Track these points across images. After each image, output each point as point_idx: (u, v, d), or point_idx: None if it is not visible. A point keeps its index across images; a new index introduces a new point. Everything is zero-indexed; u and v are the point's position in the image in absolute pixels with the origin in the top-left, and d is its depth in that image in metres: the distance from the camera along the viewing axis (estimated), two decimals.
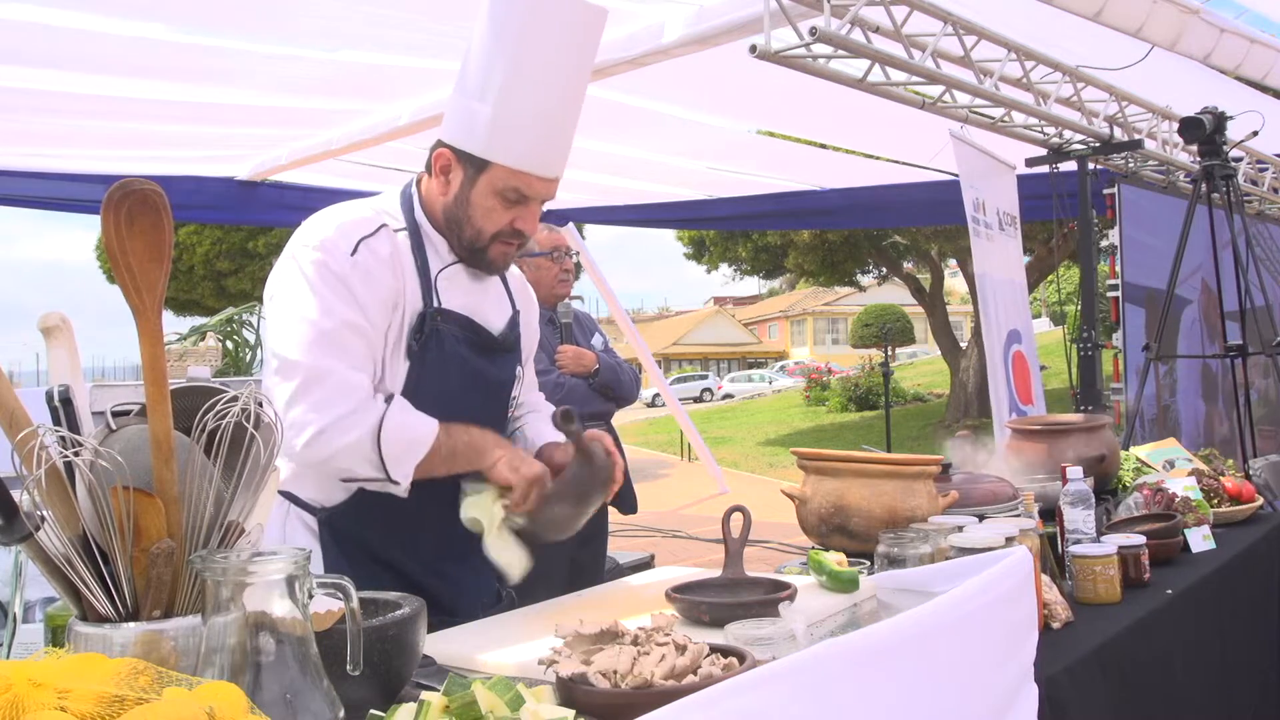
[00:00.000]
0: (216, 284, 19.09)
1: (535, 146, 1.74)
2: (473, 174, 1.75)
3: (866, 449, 2.35)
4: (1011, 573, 1.39)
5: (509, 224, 1.79)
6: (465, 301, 1.84)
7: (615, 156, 5.70)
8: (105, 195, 1.13)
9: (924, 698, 1.14)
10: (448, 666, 1.43)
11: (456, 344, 1.81)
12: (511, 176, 1.74)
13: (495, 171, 1.74)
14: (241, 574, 1.04)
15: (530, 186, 1.76)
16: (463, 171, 1.76)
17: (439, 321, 1.79)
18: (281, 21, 3.76)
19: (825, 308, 51.77)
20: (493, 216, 1.77)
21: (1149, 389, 4.76)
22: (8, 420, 1.13)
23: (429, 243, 1.83)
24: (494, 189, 1.75)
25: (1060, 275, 14.71)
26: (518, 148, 1.73)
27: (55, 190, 5.12)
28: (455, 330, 1.81)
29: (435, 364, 1.79)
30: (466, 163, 1.75)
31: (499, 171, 1.74)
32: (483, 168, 1.74)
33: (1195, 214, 4.20)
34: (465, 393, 1.83)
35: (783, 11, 3.04)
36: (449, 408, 1.76)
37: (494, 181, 1.75)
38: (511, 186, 1.75)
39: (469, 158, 1.75)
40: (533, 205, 1.79)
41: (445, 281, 1.82)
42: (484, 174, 1.75)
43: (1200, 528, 2.52)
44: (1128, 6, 3.33)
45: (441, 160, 1.78)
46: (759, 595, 1.57)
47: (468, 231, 1.79)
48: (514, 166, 1.73)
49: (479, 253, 1.81)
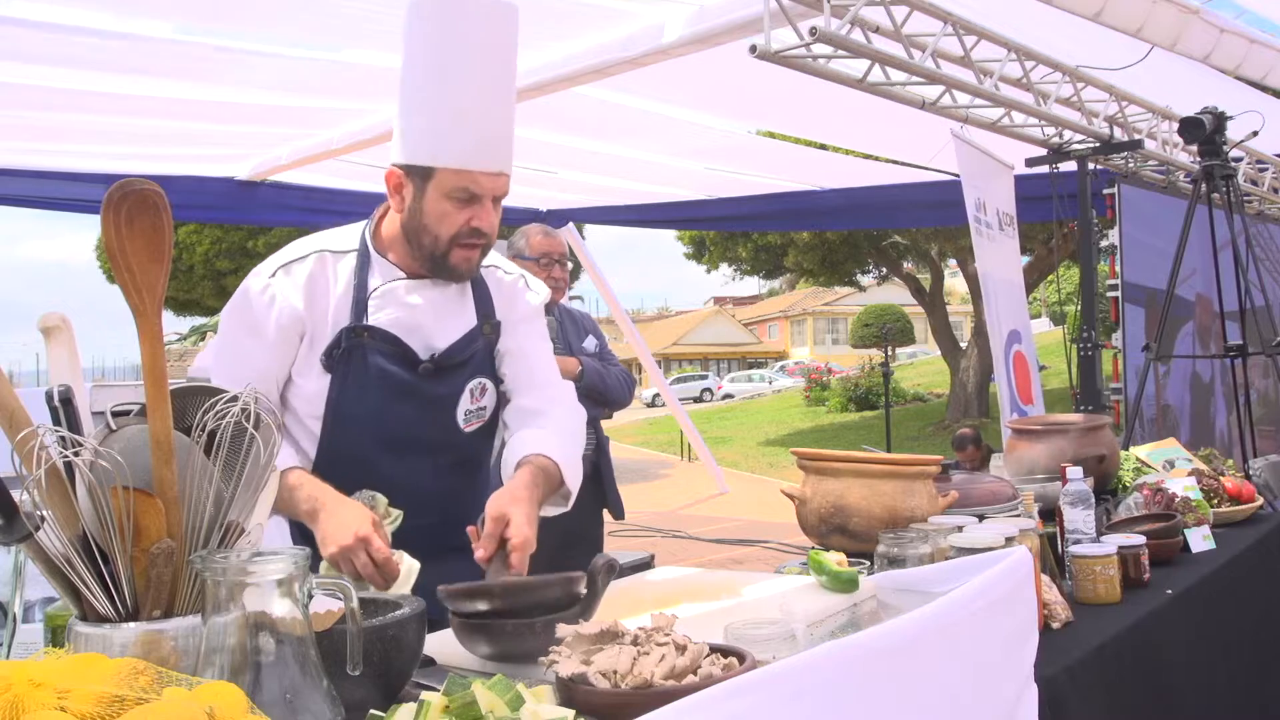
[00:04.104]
0: (216, 284, 19.06)
1: (473, 143, 1.80)
2: (420, 184, 1.82)
3: (866, 449, 2.35)
4: (1011, 573, 1.39)
5: (465, 224, 1.83)
6: (401, 319, 1.88)
7: (615, 157, 5.70)
8: (105, 195, 1.13)
9: (924, 698, 1.14)
10: (448, 666, 1.43)
11: (380, 359, 1.86)
12: (456, 177, 1.79)
13: (441, 176, 1.80)
14: (241, 574, 1.04)
15: (477, 183, 1.80)
16: (412, 185, 1.83)
17: (364, 338, 1.85)
18: (282, 21, 3.76)
19: (825, 308, 51.77)
20: (447, 220, 1.82)
21: (1149, 389, 4.76)
22: (8, 420, 1.13)
23: (374, 264, 1.90)
24: (443, 192, 1.80)
25: (1060, 275, 14.72)
26: (456, 147, 1.79)
27: (55, 190, 5.12)
28: (380, 346, 1.86)
29: (355, 379, 1.85)
30: (415, 175, 1.82)
31: (444, 175, 1.79)
32: (428, 175, 1.80)
33: (1195, 214, 4.20)
34: (393, 409, 1.87)
35: (783, 11, 3.04)
36: (376, 422, 1.86)
37: (441, 185, 1.80)
38: (459, 187, 1.80)
39: (416, 169, 1.82)
40: (486, 203, 1.83)
41: (378, 300, 1.88)
42: (430, 181, 1.81)
43: (1200, 528, 2.52)
44: (1128, 6, 3.33)
45: (393, 180, 1.85)
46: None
47: (426, 240, 1.84)
48: (456, 166, 1.79)
49: (441, 259, 1.86)
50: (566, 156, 5.60)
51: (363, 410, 1.86)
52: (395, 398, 1.87)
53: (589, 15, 3.64)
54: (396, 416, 1.88)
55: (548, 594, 1.45)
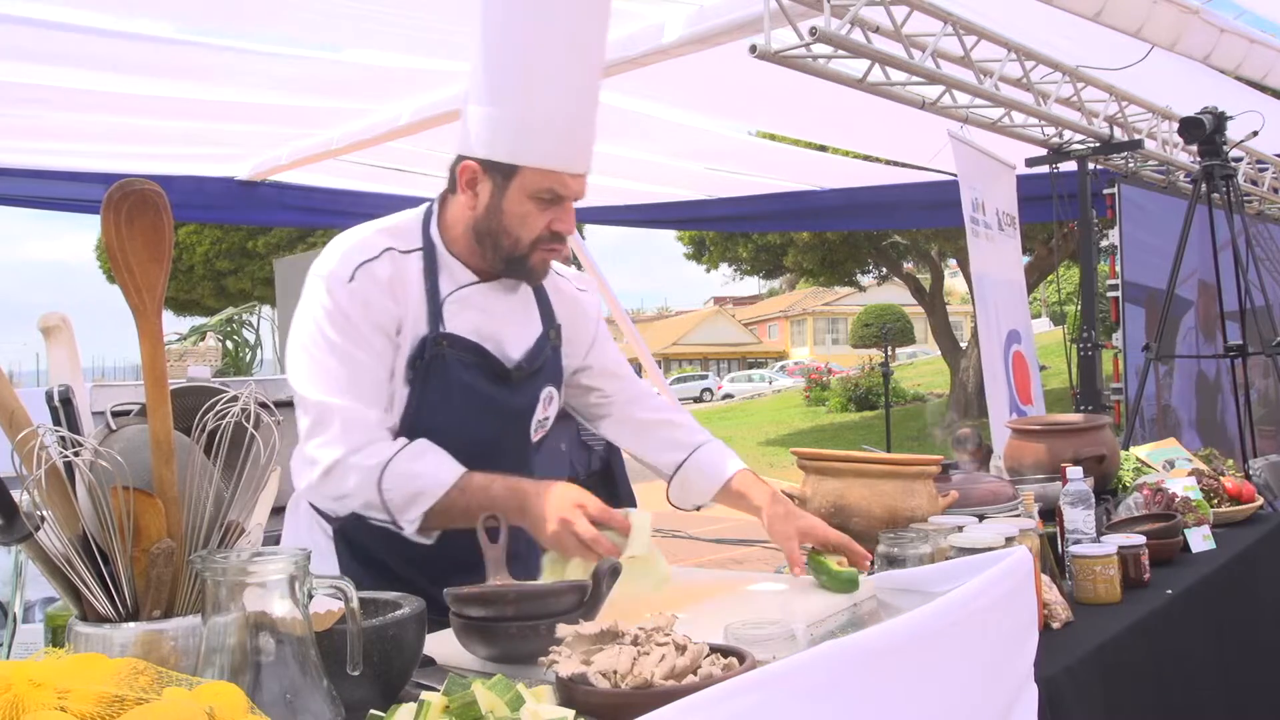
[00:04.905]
0: (216, 284, 19.08)
1: (562, 143, 1.69)
2: (502, 182, 1.70)
3: (866, 449, 2.35)
4: (1011, 573, 1.39)
5: (546, 227, 1.73)
6: (479, 326, 1.78)
7: (615, 157, 5.70)
8: (105, 195, 1.13)
9: (924, 698, 1.14)
10: (448, 666, 1.43)
11: (462, 370, 1.75)
12: (543, 178, 1.69)
13: (526, 175, 1.68)
14: (241, 574, 1.04)
15: (563, 185, 1.71)
16: (491, 181, 1.70)
17: (443, 347, 1.73)
18: (282, 21, 3.76)
19: (825, 308, 51.78)
20: (529, 222, 1.71)
21: (1149, 389, 4.76)
22: (8, 420, 1.13)
23: (442, 265, 1.77)
24: (527, 193, 1.69)
25: (1060, 275, 14.71)
26: (545, 147, 1.68)
27: (55, 190, 5.12)
28: (462, 356, 1.75)
29: (437, 391, 1.73)
30: (494, 172, 1.70)
31: (529, 174, 1.68)
32: (511, 174, 1.69)
33: (1195, 214, 4.20)
34: (474, 421, 1.77)
35: (783, 11, 3.04)
36: (456, 437, 1.71)
37: (525, 186, 1.69)
38: (545, 188, 1.69)
39: (496, 166, 1.69)
40: (567, 205, 1.74)
41: (455, 305, 1.76)
42: (514, 180, 1.69)
43: (1200, 528, 2.52)
44: (1128, 6, 3.33)
45: (467, 174, 1.72)
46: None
47: (505, 241, 1.73)
48: (544, 166, 1.68)
49: (519, 261, 1.75)
50: None
51: (443, 423, 1.72)
52: (477, 410, 1.76)
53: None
54: (477, 429, 1.76)
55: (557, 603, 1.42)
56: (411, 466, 1.64)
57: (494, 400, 1.79)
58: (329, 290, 1.68)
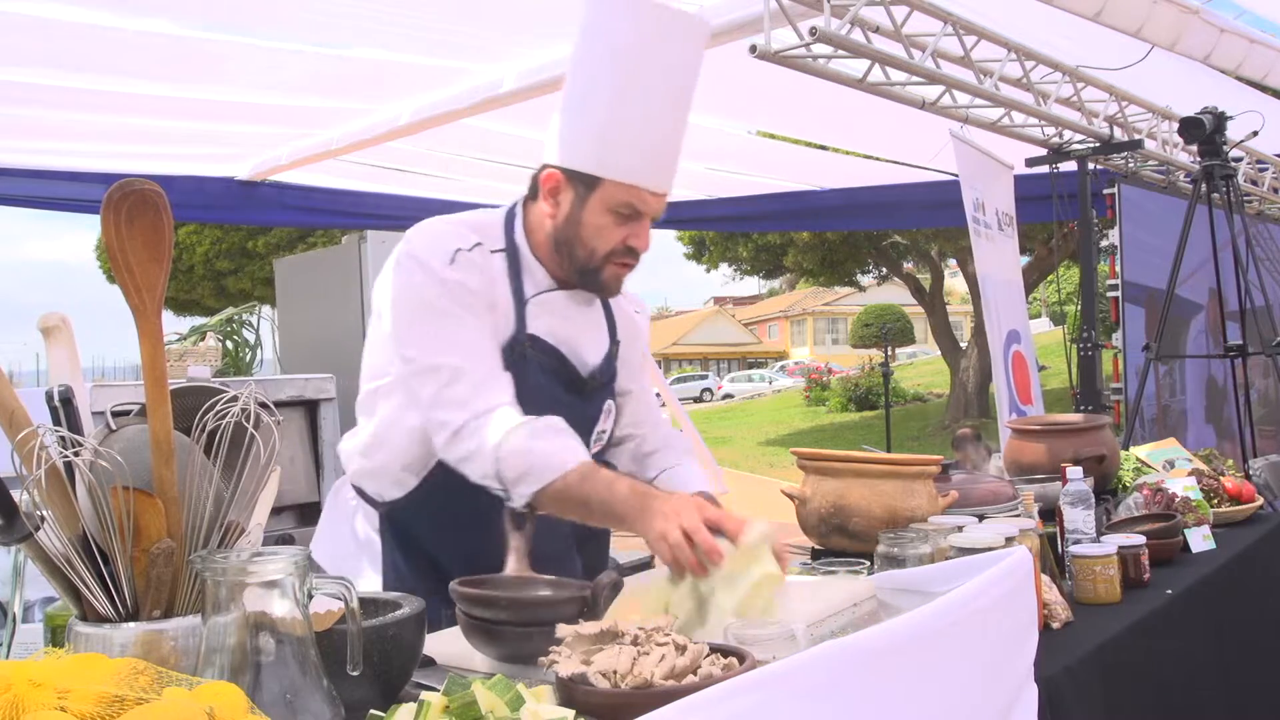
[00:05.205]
0: (216, 284, 19.07)
1: (647, 160, 1.71)
2: (583, 192, 1.72)
3: (866, 449, 2.35)
4: (1011, 573, 1.39)
5: (622, 242, 1.75)
6: (557, 331, 1.80)
7: None
8: (105, 195, 1.13)
9: (924, 699, 1.14)
10: (448, 666, 1.43)
11: (540, 374, 1.76)
12: (624, 192, 1.70)
13: (607, 188, 1.70)
14: (241, 574, 1.04)
15: (644, 202, 1.72)
16: (573, 191, 1.72)
17: (526, 348, 1.74)
18: (283, 20, 3.76)
19: (825, 308, 51.77)
20: (605, 235, 1.73)
21: (1149, 389, 4.76)
22: (8, 420, 1.13)
23: (525, 267, 1.79)
24: (606, 206, 1.71)
25: (1060, 275, 14.72)
26: (630, 161, 1.70)
27: (55, 190, 5.11)
28: (542, 360, 1.77)
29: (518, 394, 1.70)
30: (577, 182, 1.72)
31: (611, 187, 1.70)
32: (594, 185, 1.70)
33: (1195, 214, 4.20)
34: None
35: (783, 11, 3.04)
36: None
37: (606, 198, 1.71)
38: (624, 202, 1.71)
39: (579, 176, 1.71)
40: (645, 221, 1.75)
41: (537, 308, 1.78)
42: (595, 191, 1.71)
43: (1200, 528, 2.52)
44: (1128, 6, 3.33)
45: (550, 182, 1.74)
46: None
47: (580, 252, 1.75)
48: (627, 181, 1.70)
49: (592, 273, 1.77)
50: None
51: None
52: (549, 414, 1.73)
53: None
54: None
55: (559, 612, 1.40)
56: (532, 444, 1.61)
57: (566, 406, 1.78)
58: (431, 269, 1.69)
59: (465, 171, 5.78)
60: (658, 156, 1.72)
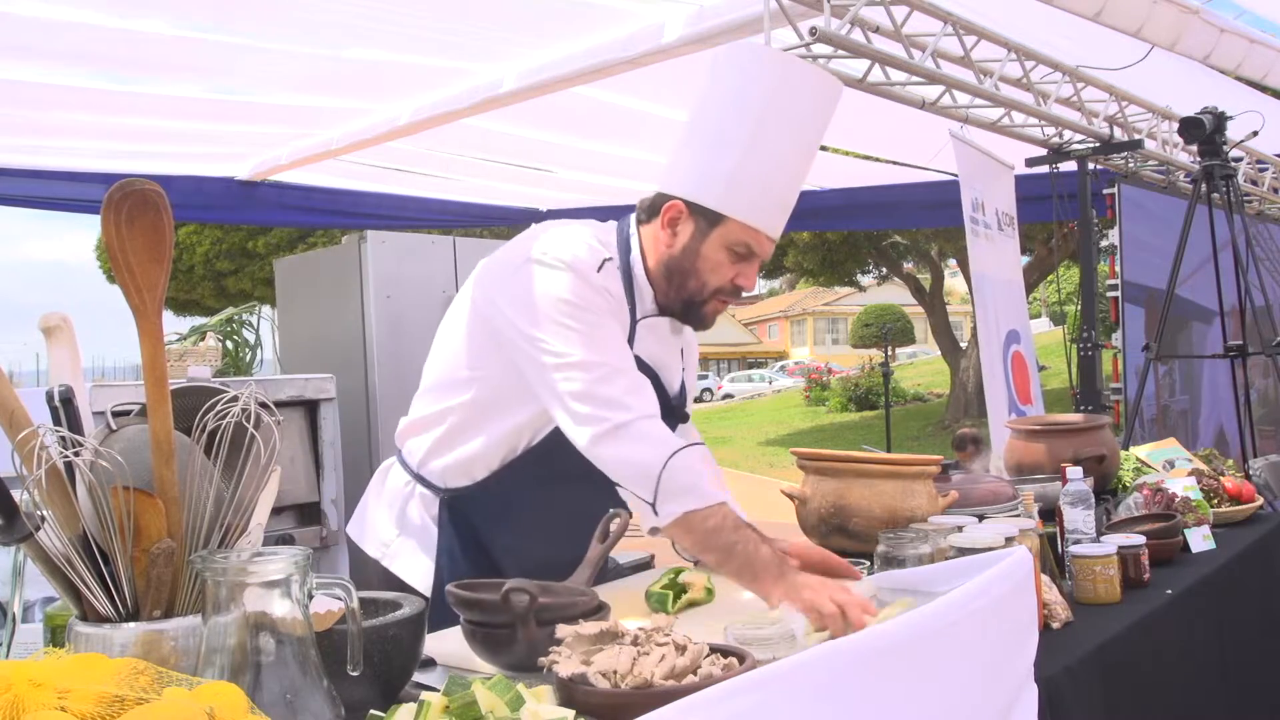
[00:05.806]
0: (216, 284, 19.06)
1: (770, 205, 1.76)
2: (705, 227, 1.76)
3: (866, 449, 2.35)
4: (1011, 573, 1.39)
5: (731, 280, 1.79)
6: (655, 356, 1.83)
7: (615, 156, 5.69)
8: (105, 195, 1.13)
9: (924, 699, 1.14)
10: (448, 666, 1.43)
11: None
12: (745, 232, 1.75)
13: (730, 226, 1.75)
14: (241, 574, 1.04)
15: (760, 244, 1.77)
16: (694, 224, 1.77)
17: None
18: (282, 20, 3.76)
19: (825, 308, 51.75)
20: (719, 271, 1.78)
21: (1149, 389, 4.76)
22: (8, 420, 1.13)
23: (638, 288, 1.83)
24: (725, 242, 1.76)
25: (1060, 275, 14.73)
26: (755, 204, 1.74)
27: (55, 190, 5.11)
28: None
29: None
30: (700, 216, 1.76)
31: (733, 226, 1.75)
32: (717, 221, 1.75)
33: (1195, 214, 4.20)
34: None
35: (783, 11, 3.04)
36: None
37: (726, 235, 1.75)
38: (742, 241, 1.75)
39: (703, 211, 1.75)
40: (755, 263, 1.80)
41: (644, 330, 1.82)
42: (717, 228, 1.75)
43: (1200, 528, 2.52)
44: (1128, 6, 3.33)
45: (672, 212, 1.78)
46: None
47: (692, 284, 1.79)
48: (749, 223, 1.74)
49: (695, 307, 1.82)
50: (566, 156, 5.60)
51: None
52: None
53: (589, 15, 3.64)
54: None
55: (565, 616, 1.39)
56: (699, 465, 1.64)
57: None
58: (582, 273, 1.70)
59: (465, 171, 5.78)
60: (780, 203, 1.78)
